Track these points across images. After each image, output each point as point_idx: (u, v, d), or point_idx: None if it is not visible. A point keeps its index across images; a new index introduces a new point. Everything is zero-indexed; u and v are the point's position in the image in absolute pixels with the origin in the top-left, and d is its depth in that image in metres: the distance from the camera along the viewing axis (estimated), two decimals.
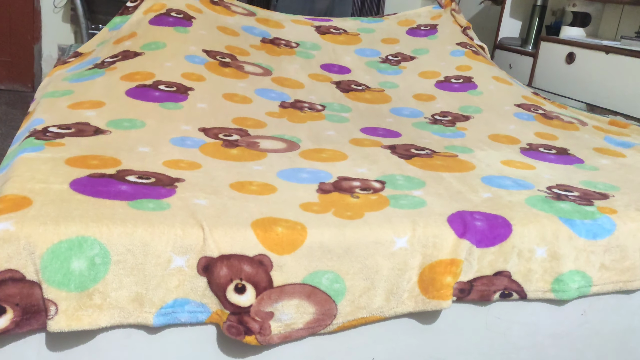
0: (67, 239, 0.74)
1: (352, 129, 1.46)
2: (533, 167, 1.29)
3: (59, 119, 1.21)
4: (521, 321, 0.98)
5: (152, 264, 0.77)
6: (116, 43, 1.73)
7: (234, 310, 0.80)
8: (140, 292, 0.77)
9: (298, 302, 0.83)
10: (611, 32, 2.58)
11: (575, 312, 1.01)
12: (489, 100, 1.78)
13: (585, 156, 1.43)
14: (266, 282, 0.82)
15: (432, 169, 1.20)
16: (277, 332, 0.83)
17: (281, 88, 1.65)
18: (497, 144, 1.46)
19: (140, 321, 0.77)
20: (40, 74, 3.57)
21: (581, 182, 1.22)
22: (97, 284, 0.74)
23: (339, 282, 0.85)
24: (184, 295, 0.79)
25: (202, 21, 1.87)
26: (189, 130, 1.25)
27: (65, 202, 0.82)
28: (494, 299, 0.94)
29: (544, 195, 1.09)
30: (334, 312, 0.85)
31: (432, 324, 0.93)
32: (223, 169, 1.07)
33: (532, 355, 1.01)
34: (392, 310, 0.89)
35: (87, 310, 0.74)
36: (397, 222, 0.93)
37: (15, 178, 0.88)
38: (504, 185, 1.13)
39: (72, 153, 1.03)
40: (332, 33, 2.13)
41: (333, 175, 1.11)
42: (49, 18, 3.49)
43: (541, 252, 0.96)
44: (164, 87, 1.45)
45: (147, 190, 0.91)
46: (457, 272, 0.90)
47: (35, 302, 0.72)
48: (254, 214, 0.89)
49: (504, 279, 0.94)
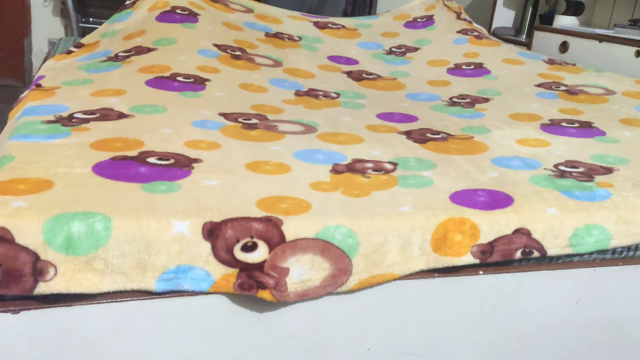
0: (72, 212, 0.76)
1: (368, 115, 1.47)
2: (548, 144, 1.30)
3: (84, 106, 1.24)
4: (517, 310, 0.98)
5: (153, 228, 0.77)
6: (126, 39, 1.78)
7: (244, 267, 0.79)
8: (142, 258, 0.76)
9: (312, 258, 0.83)
10: (604, 21, 2.57)
11: (570, 300, 1.01)
12: (506, 84, 1.78)
13: (609, 128, 1.43)
14: (278, 237, 0.81)
15: (445, 152, 1.22)
16: (294, 289, 0.81)
17: (294, 78, 1.68)
18: (517, 122, 1.46)
19: (142, 287, 0.77)
20: (31, 68, 3.55)
21: (592, 156, 1.23)
22: (99, 250, 0.75)
23: (352, 236, 0.85)
24: (187, 262, 0.78)
25: (206, 17, 1.94)
26: (209, 115, 1.28)
27: (83, 186, 0.84)
28: (517, 256, 0.94)
29: (547, 174, 1.11)
30: (349, 268, 0.85)
31: (427, 313, 0.93)
32: (241, 149, 1.10)
33: (528, 345, 1.01)
34: (406, 267, 0.88)
35: (87, 274, 0.74)
36: (400, 197, 0.95)
37: (41, 163, 0.91)
38: (512, 166, 1.16)
39: (97, 137, 1.06)
40: (331, 28, 2.16)
41: (348, 157, 1.13)
42: (39, 12, 3.47)
43: (552, 211, 0.97)
44: (181, 78, 1.49)
45: (163, 171, 0.93)
46: (466, 230, 0.91)
47: (19, 267, 0.72)
48: (261, 193, 0.90)
49: (523, 237, 0.95)
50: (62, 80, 1.46)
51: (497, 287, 0.95)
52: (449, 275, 0.92)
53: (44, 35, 3.46)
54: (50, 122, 1.13)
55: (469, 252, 0.92)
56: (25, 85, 3.44)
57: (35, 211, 0.75)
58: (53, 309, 0.74)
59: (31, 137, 1.03)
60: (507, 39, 2.83)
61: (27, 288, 0.72)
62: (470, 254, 0.92)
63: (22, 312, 0.73)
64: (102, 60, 1.63)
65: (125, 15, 1.95)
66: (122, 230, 0.76)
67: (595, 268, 1.00)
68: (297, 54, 1.90)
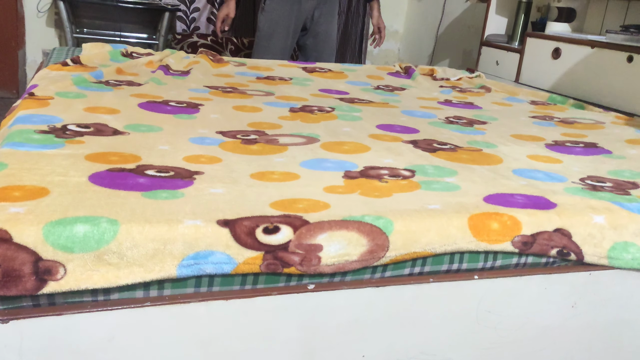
0: (73, 216, 0.75)
1: (368, 126, 1.47)
2: (560, 161, 1.29)
3: (77, 119, 1.24)
4: (512, 314, 0.98)
5: (165, 221, 0.76)
6: (118, 73, 1.83)
7: (269, 249, 0.79)
8: (158, 248, 0.75)
9: (347, 233, 0.82)
10: (596, 27, 2.59)
11: (566, 304, 1.00)
12: (500, 115, 1.80)
13: (615, 148, 1.44)
14: (301, 221, 0.81)
15: (460, 161, 1.20)
16: (331, 262, 0.81)
17: (287, 101, 1.70)
18: (521, 141, 1.45)
19: (162, 275, 0.75)
20: (25, 79, 3.54)
21: (609, 172, 1.23)
22: (110, 244, 0.73)
23: (383, 219, 0.85)
24: (206, 247, 0.77)
25: (198, 70, 2.04)
26: (207, 133, 1.27)
27: (82, 193, 0.83)
28: (551, 254, 0.95)
29: (580, 187, 1.10)
30: (387, 244, 0.84)
31: (422, 319, 0.92)
32: (244, 162, 1.08)
33: (523, 349, 1.00)
34: (443, 247, 0.88)
35: (99, 270, 0.73)
36: (427, 198, 0.94)
37: (36, 171, 0.90)
38: (537, 177, 1.14)
39: (93, 150, 1.05)
40: (319, 71, 2.28)
41: (359, 165, 1.11)
42: (32, 23, 3.46)
43: (599, 219, 0.97)
44: (174, 103, 1.51)
45: (164, 182, 0.92)
46: (505, 220, 0.91)
47: (18, 267, 0.70)
48: (273, 197, 0.89)
49: (564, 238, 0.95)
50: (56, 90, 1.46)
51: (492, 292, 0.95)
52: (444, 280, 0.91)
53: (38, 46, 3.46)
54: (44, 132, 1.12)
55: (510, 241, 0.92)
56: (19, 96, 3.43)
57: (34, 215, 0.74)
58: (43, 317, 0.73)
59: (25, 145, 1.02)
60: (500, 46, 2.84)
61: (28, 288, 0.71)
62: (511, 242, 0.92)
63: (11, 321, 0.72)
64: (94, 82, 1.65)
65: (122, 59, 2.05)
66: (131, 226, 0.75)
67: (591, 272, 1.00)
68: (289, 87, 1.94)
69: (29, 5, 3.42)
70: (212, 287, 0.81)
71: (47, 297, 0.74)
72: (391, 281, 0.89)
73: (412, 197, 0.95)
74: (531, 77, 2.57)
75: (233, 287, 0.81)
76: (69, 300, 0.75)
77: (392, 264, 0.88)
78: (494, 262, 0.95)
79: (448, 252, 0.90)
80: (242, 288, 0.82)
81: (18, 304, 0.73)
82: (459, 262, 0.93)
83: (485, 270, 0.95)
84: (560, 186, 1.10)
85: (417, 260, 0.90)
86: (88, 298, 0.75)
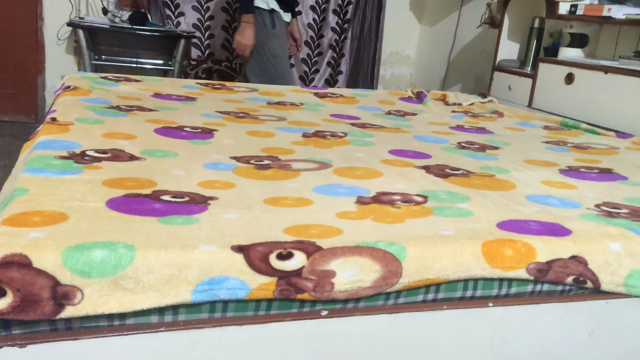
0: (91, 242, 0.76)
1: (380, 151, 1.47)
2: (574, 187, 1.28)
3: (95, 144, 1.26)
4: (527, 343, 0.96)
5: (181, 247, 0.77)
6: (121, 98, 1.84)
7: (283, 275, 0.79)
8: (173, 273, 0.76)
9: (361, 260, 0.82)
10: (609, 53, 2.60)
11: (583, 333, 0.99)
12: (513, 140, 1.80)
13: (630, 174, 1.43)
14: (315, 247, 0.81)
15: (472, 187, 1.20)
16: (344, 289, 0.81)
17: (299, 126, 1.72)
18: (534, 167, 1.45)
19: (177, 300, 0.76)
20: (43, 105, 3.61)
21: (625, 198, 1.21)
22: (126, 270, 0.74)
23: (396, 245, 0.85)
24: (220, 273, 0.77)
25: (206, 98, 2.06)
26: (221, 158, 1.28)
27: (99, 218, 0.85)
28: (567, 281, 0.94)
29: (595, 213, 1.09)
30: (400, 271, 0.84)
31: (436, 346, 0.92)
32: (257, 187, 1.09)
33: None
34: (457, 274, 0.87)
35: (116, 295, 0.74)
36: (440, 224, 0.94)
37: (55, 196, 0.92)
38: (551, 204, 1.13)
39: (110, 175, 1.07)
40: (330, 97, 2.30)
41: (371, 191, 1.12)
42: (52, 50, 3.55)
43: (615, 247, 0.96)
44: (189, 129, 1.53)
45: (179, 207, 0.93)
46: (519, 247, 0.90)
47: (36, 291, 0.71)
48: (287, 223, 0.90)
49: (580, 265, 0.94)
50: (75, 116, 1.49)
51: (507, 320, 0.94)
52: (458, 307, 0.91)
53: (57, 72, 3.54)
54: (63, 157, 1.14)
55: (524, 268, 0.91)
56: (38, 122, 3.50)
57: (53, 241, 0.75)
58: (60, 342, 0.74)
59: (45, 171, 1.04)
60: (512, 71, 2.85)
61: (46, 313, 0.72)
62: (526, 270, 0.91)
63: (28, 345, 0.73)
64: (106, 107, 1.67)
65: (111, 83, 2.05)
66: (147, 251, 0.76)
67: (608, 300, 0.99)
68: (300, 113, 1.96)
69: (49, 33, 3.51)
70: (226, 313, 0.81)
71: (64, 322, 0.74)
72: (404, 308, 0.88)
73: (425, 223, 0.95)
74: (544, 102, 2.57)
75: (247, 313, 0.82)
76: (86, 324, 0.75)
77: (405, 291, 0.88)
78: (508, 289, 0.94)
79: (462, 279, 0.89)
80: (255, 314, 0.82)
81: (35, 328, 0.74)
82: (473, 289, 0.92)
83: (500, 297, 0.94)
84: (575, 212, 1.09)
85: (431, 286, 0.89)
86: (104, 322, 0.76)
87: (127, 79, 2.16)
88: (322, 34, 3.78)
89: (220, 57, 3.73)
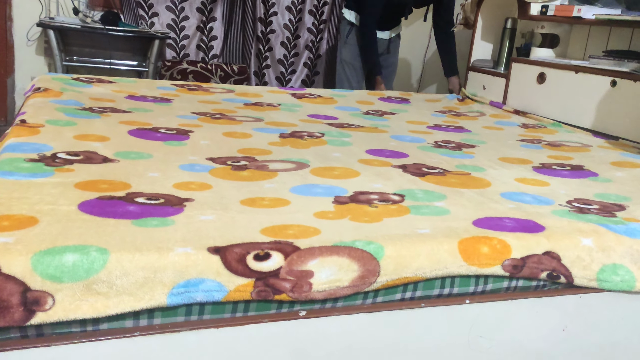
0: (62, 245, 0.74)
1: (357, 151, 1.48)
2: (547, 184, 1.31)
3: (67, 147, 1.23)
4: (503, 339, 0.97)
5: (156, 249, 0.75)
6: (94, 100, 1.80)
7: (260, 276, 0.78)
8: (148, 276, 0.74)
9: (338, 259, 0.82)
10: (579, 52, 2.64)
11: (557, 328, 1.00)
12: (489, 138, 1.83)
13: (601, 170, 1.47)
14: (292, 248, 0.80)
15: (448, 185, 1.22)
16: (322, 289, 0.81)
17: (276, 127, 1.71)
18: (509, 164, 1.48)
19: (152, 304, 0.74)
20: (13, 107, 3.53)
21: (595, 194, 1.24)
22: (99, 274, 0.72)
23: (374, 244, 0.85)
24: (197, 275, 0.76)
25: (181, 99, 2.03)
26: (197, 159, 1.26)
27: (71, 222, 0.82)
28: (541, 277, 0.95)
29: (566, 209, 1.11)
30: (377, 270, 0.84)
31: (414, 344, 0.92)
32: (234, 188, 1.08)
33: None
34: (434, 271, 0.88)
35: (89, 300, 0.72)
36: (417, 223, 0.94)
37: (25, 200, 0.89)
38: (525, 200, 1.15)
39: (82, 178, 1.04)
40: (308, 97, 2.29)
41: (349, 190, 1.12)
42: (22, 51, 3.47)
43: (587, 242, 0.97)
44: (164, 130, 1.50)
45: (154, 209, 0.92)
46: (494, 244, 0.91)
47: (5, 297, 0.69)
48: (264, 223, 0.89)
49: (553, 261, 0.95)
50: (45, 118, 1.46)
51: (483, 316, 0.95)
52: (436, 305, 0.91)
53: (27, 73, 3.46)
54: (33, 160, 1.12)
55: (500, 265, 0.92)
56: (7, 124, 3.42)
57: (22, 245, 0.73)
58: (31, 349, 0.72)
59: (14, 174, 1.02)
60: (486, 71, 2.89)
61: (16, 319, 0.70)
62: (501, 266, 0.93)
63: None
64: (79, 109, 1.64)
65: (83, 85, 2.02)
66: (121, 254, 0.74)
67: (581, 295, 1.00)
68: (277, 113, 1.96)
69: (19, 33, 3.43)
70: (202, 315, 0.80)
71: (35, 328, 0.73)
72: (383, 307, 0.88)
73: (402, 222, 0.96)
74: (517, 102, 2.61)
75: (224, 315, 0.81)
76: (58, 330, 0.74)
77: (383, 289, 0.88)
78: (485, 286, 0.95)
79: (439, 277, 0.90)
80: (233, 316, 0.81)
81: (5, 335, 0.72)
82: (450, 287, 0.93)
83: (477, 294, 0.95)
84: (548, 209, 1.11)
85: (409, 285, 0.90)
86: (77, 328, 0.74)
87: (100, 80, 2.12)
88: (299, 34, 3.78)
89: (196, 58, 3.70)
